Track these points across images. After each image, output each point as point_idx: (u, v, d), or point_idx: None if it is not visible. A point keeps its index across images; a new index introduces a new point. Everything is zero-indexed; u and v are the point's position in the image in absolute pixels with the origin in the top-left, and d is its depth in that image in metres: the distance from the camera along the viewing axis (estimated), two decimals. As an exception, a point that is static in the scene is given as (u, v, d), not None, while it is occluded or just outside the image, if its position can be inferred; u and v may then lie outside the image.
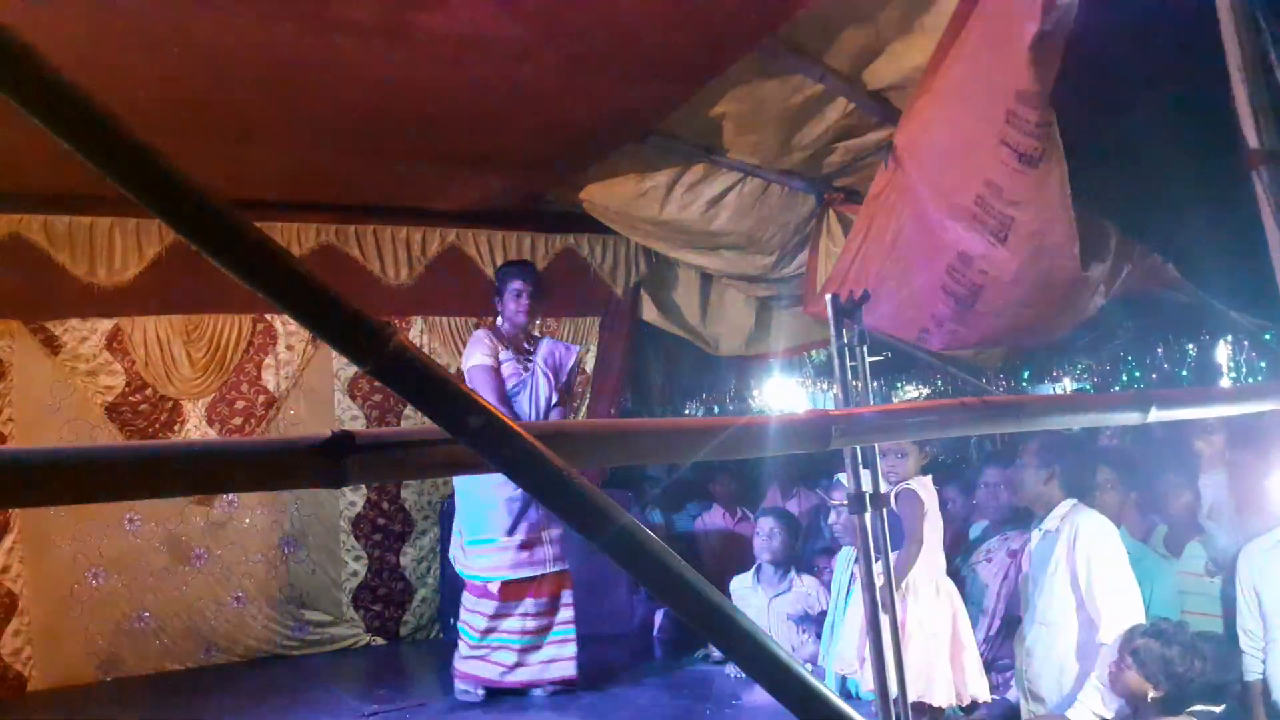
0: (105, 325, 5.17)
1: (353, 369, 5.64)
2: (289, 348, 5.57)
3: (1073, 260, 3.44)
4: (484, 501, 4.27)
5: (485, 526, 4.29)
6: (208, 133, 4.03)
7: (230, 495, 5.36)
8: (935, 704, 3.22)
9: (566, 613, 4.37)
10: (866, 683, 3.43)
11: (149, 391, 5.24)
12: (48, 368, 5.06)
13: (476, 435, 1.01)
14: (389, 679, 5.01)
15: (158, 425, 5.25)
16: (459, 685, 4.35)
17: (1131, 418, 1.60)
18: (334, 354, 5.60)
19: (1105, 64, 3.43)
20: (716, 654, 4.61)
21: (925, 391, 7.75)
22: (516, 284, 4.54)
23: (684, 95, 4.10)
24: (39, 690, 4.90)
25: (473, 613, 4.35)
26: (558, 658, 4.33)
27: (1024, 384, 6.68)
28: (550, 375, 4.47)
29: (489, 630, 4.31)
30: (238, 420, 5.44)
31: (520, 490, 3.95)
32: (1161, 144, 3.56)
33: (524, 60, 3.63)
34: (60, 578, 5.03)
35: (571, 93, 3.99)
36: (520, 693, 4.32)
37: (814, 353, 7.21)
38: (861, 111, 4.04)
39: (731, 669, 4.39)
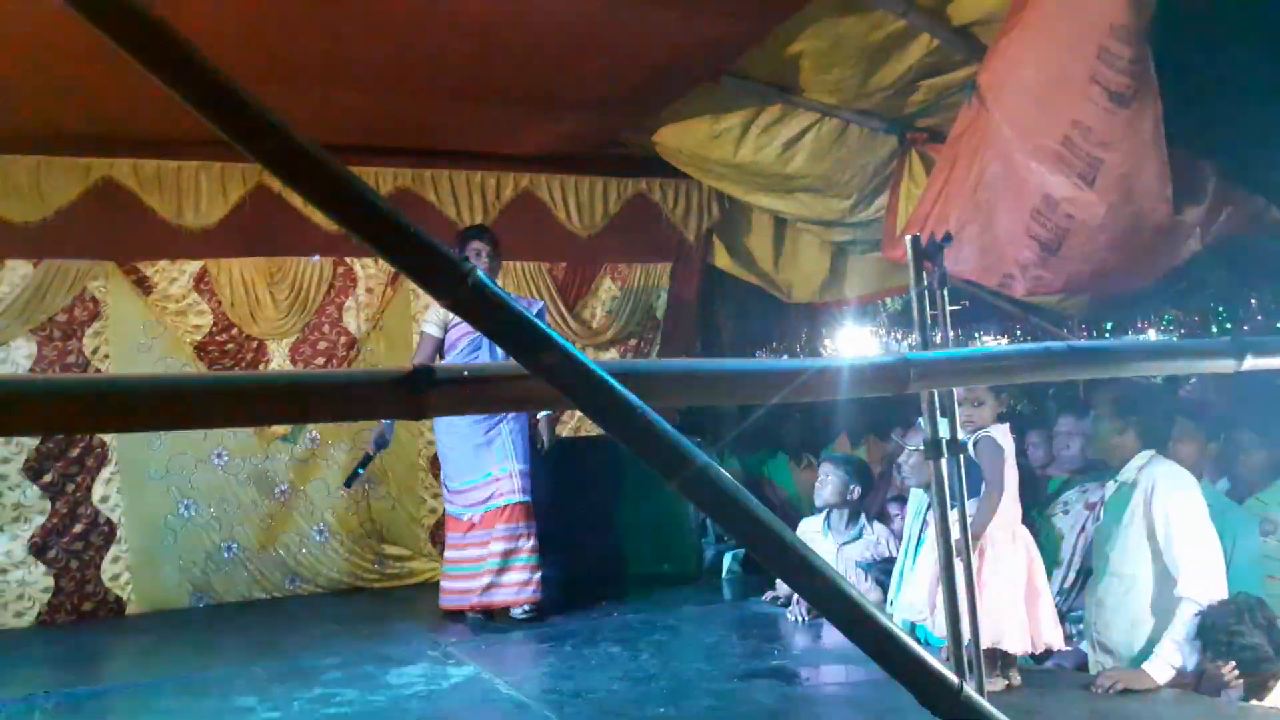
0: (193, 267, 5.34)
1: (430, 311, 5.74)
2: (369, 290, 5.69)
3: (1165, 204, 3.32)
4: (458, 450, 4.71)
5: (462, 470, 4.69)
6: (290, 77, 4.09)
7: (313, 432, 5.54)
8: (1009, 650, 3.19)
9: (530, 541, 4.67)
10: (937, 629, 3.42)
11: (235, 331, 5.41)
12: (139, 307, 5.26)
13: (552, 371, 1.02)
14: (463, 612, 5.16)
15: (244, 364, 5.42)
16: (445, 602, 4.79)
17: (1224, 365, 1.54)
18: (411, 297, 5.73)
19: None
20: (781, 596, 4.64)
21: (1004, 341, 7.58)
22: (475, 244, 4.64)
23: (761, 33, 4.02)
24: (136, 614, 5.18)
25: (455, 545, 4.80)
26: (528, 581, 4.64)
27: (1106, 335, 6.49)
28: None
29: (468, 559, 4.70)
30: (320, 360, 5.59)
31: (485, 435, 4.60)
32: (1268, 79, 3.38)
33: (598, -2, 3.60)
34: (155, 508, 5.27)
35: (645, 31, 3.94)
36: (502, 613, 4.68)
37: (888, 300, 7.09)
38: (945, 48, 3.91)
39: (792, 611, 4.41)
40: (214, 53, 0.85)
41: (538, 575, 4.66)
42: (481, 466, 4.65)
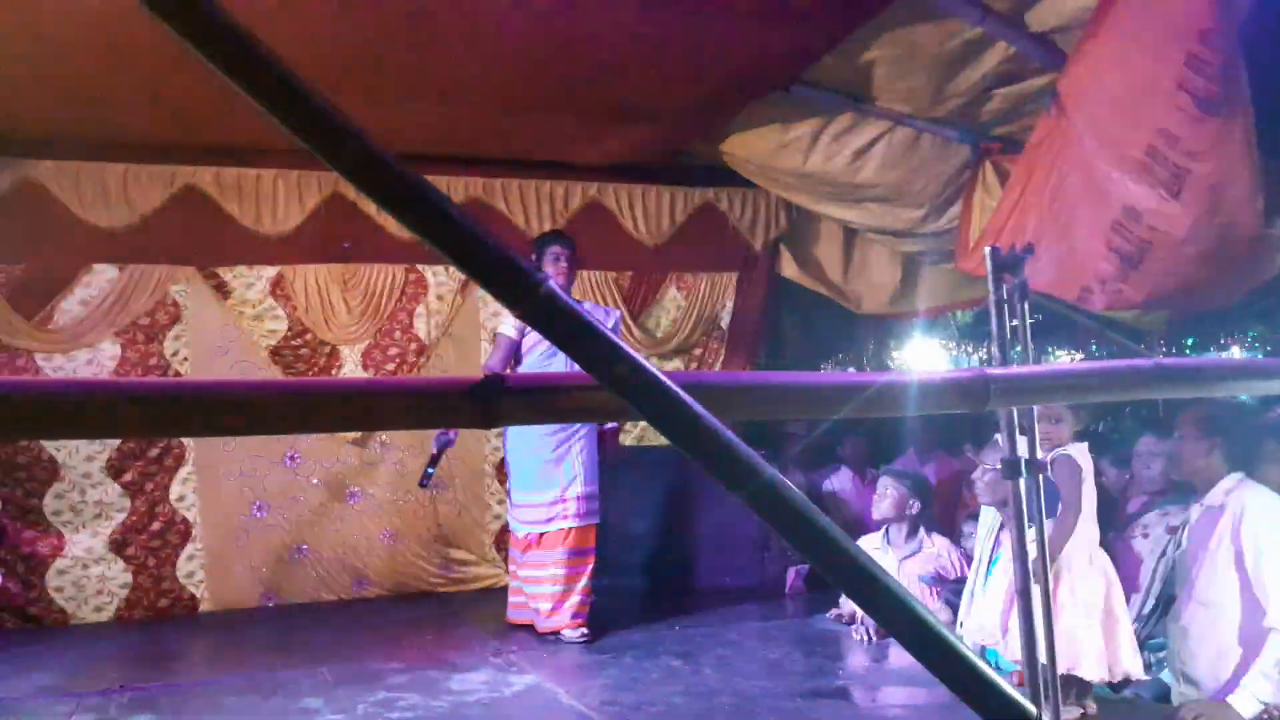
0: (270, 272, 5.46)
1: (498, 320, 5.79)
2: (439, 297, 5.76)
3: (1255, 216, 3.19)
4: (526, 463, 4.57)
5: (527, 484, 4.57)
6: (367, 89, 4.17)
7: (383, 437, 5.63)
8: (1084, 677, 3.09)
9: (589, 566, 4.59)
10: (1009, 653, 3.33)
11: (309, 336, 5.52)
12: (217, 312, 5.40)
13: (622, 382, 1.01)
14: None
15: (316, 368, 5.53)
16: (512, 615, 4.76)
17: (1323, 386, 1.47)
18: (481, 305, 5.79)
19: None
20: (846, 614, 4.56)
21: (1079, 356, 7.37)
22: (555, 248, 4.54)
23: (834, 41, 3.98)
24: (209, 611, 5.31)
25: (514, 561, 4.73)
26: (583, 605, 4.56)
27: (1188, 352, 6.26)
28: None
29: (529, 579, 4.61)
30: (391, 366, 5.68)
31: (555, 453, 4.46)
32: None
33: (668, 6, 3.59)
34: (228, 508, 5.40)
35: (717, 42, 3.93)
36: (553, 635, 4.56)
37: (959, 313, 6.95)
38: (1023, 55, 3.82)
39: (858, 630, 4.33)
40: (294, 64, 0.86)
41: (591, 599, 4.61)
42: (548, 484, 4.53)
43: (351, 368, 5.62)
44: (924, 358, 7.50)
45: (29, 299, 5.06)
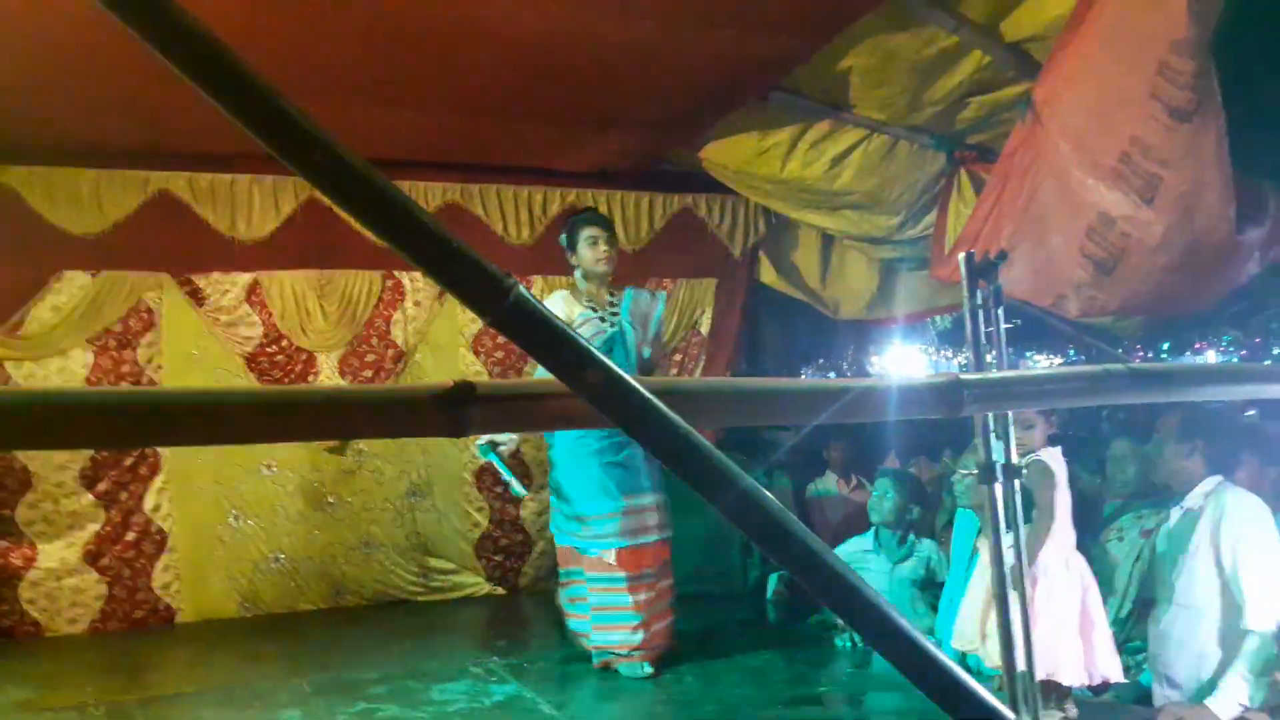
0: (245, 279, 5.41)
1: (477, 326, 5.77)
2: (416, 304, 5.73)
3: (1226, 224, 3.22)
4: (584, 469, 4.05)
5: (589, 495, 4.05)
6: (342, 95, 4.15)
7: (361, 445, 5.59)
8: (1063, 683, 3.10)
9: (670, 581, 4.20)
10: (988, 659, 3.34)
11: (285, 343, 5.47)
12: (192, 319, 5.34)
13: (594, 389, 1.00)
14: (507, 629, 5.16)
15: (292, 375, 5.48)
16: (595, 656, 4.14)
17: (1294, 391, 1.48)
18: (459, 311, 5.75)
19: (1271, 7, 3.17)
20: (830, 621, 4.57)
21: (1057, 361, 7.44)
22: (591, 230, 4.19)
23: (811, 49, 3.99)
24: (186, 622, 5.25)
25: (594, 587, 4.11)
26: (669, 628, 4.16)
27: (1163, 356, 6.33)
28: (639, 326, 4.24)
29: (604, 605, 4.07)
30: (368, 373, 5.64)
31: (619, 455, 3.93)
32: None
33: (647, 15, 3.60)
34: (204, 518, 5.34)
35: (696, 50, 3.94)
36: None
37: (938, 319, 6.99)
38: (998, 64, 3.85)
39: (841, 636, 4.34)
40: (265, 70, 0.85)
41: (672, 620, 4.19)
42: (615, 492, 4.02)
43: (328, 375, 5.58)
44: (903, 363, 7.54)
45: (-1, 306, 4.99)
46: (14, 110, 4.36)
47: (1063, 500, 3.27)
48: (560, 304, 4.22)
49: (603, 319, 4.20)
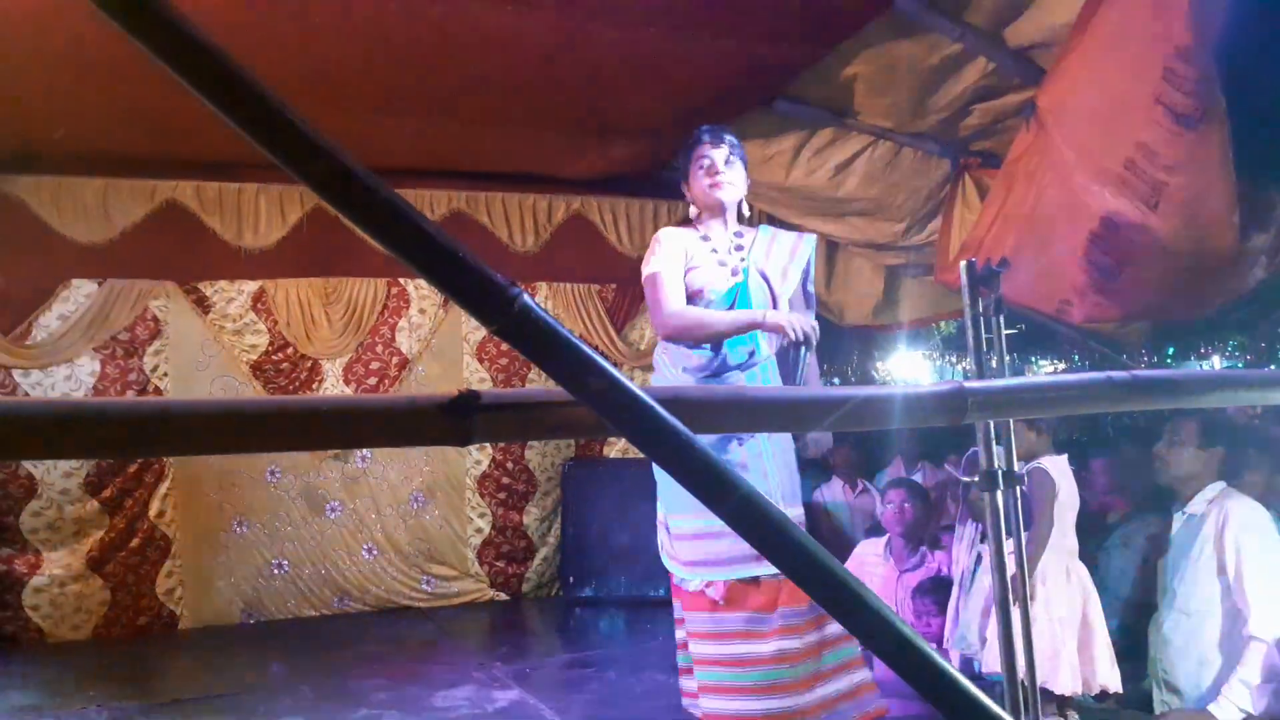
0: (251, 287, 5.44)
1: (481, 333, 5.79)
2: (421, 311, 5.75)
3: (1231, 230, 3.22)
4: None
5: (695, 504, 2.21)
6: (349, 104, 4.17)
7: (364, 451, 5.60)
8: (1058, 691, 3.09)
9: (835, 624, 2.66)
10: (987, 664, 3.33)
11: (290, 350, 5.49)
12: (198, 326, 5.36)
13: (597, 397, 1.00)
14: (510, 635, 5.16)
15: (298, 383, 5.50)
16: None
17: (1299, 397, 1.48)
18: (463, 318, 5.76)
19: (1276, 12, 3.17)
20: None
21: (1061, 367, 7.42)
22: (702, 150, 3.11)
23: (814, 57, 4.00)
24: (189, 628, 5.26)
25: (693, 634, 2.87)
26: (866, 682, 2.89)
27: (1169, 361, 6.31)
28: (770, 277, 3.06)
29: (717, 660, 2.80)
30: (372, 380, 5.65)
31: (736, 450, 2.83)
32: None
33: (651, 24, 3.61)
34: (208, 524, 5.36)
35: (700, 58, 3.95)
36: None
37: (943, 324, 6.99)
38: (1002, 71, 3.85)
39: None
40: (271, 80, 0.85)
41: (866, 672, 2.91)
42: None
43: (333, 382, 5.60)
44: (908, 369, 7.53)
45: (6, 314, 5.02)
46: (22, 120, 4.39)
47: (1065, 508, 3.26)
48: (661, 241, 3.10)
49: (723, 263, 3.09)
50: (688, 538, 2.85)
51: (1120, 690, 3.28)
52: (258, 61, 0.85)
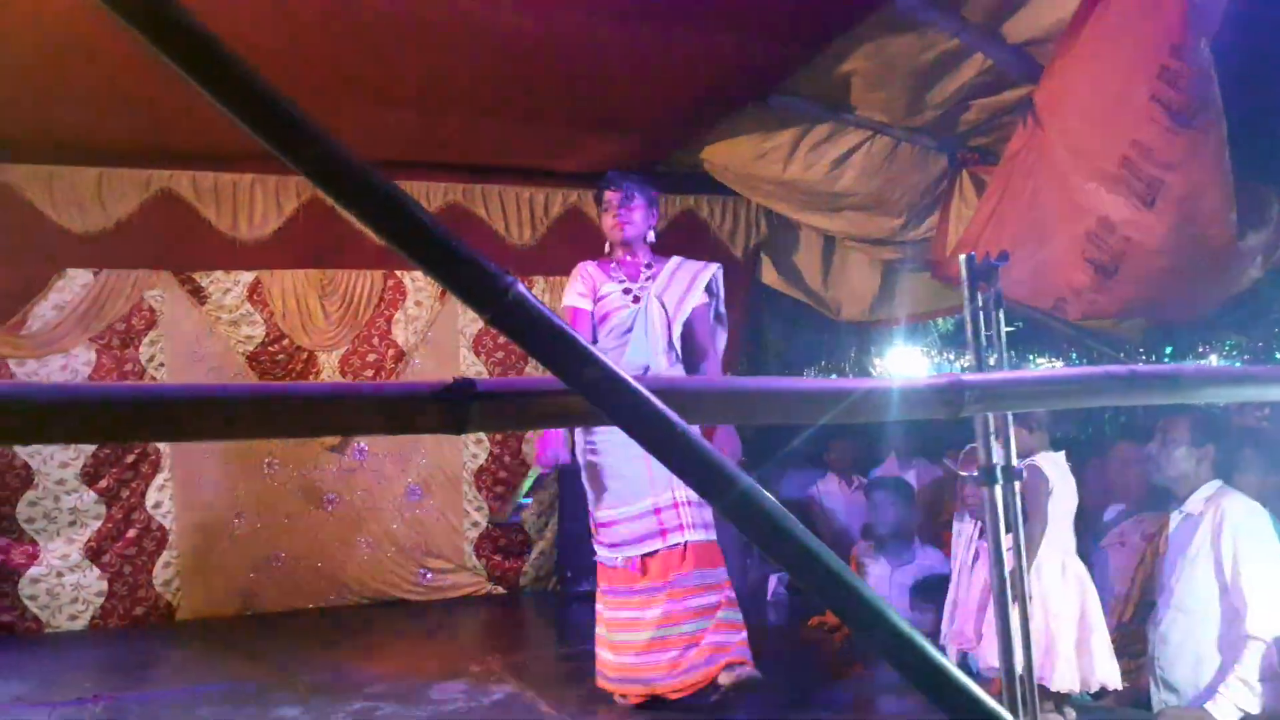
0: (247, 278, 5.42)
1: (477, 326, 5.78)
2: (418, 303, 5.74)
3: (1228, 228, 3.22)
4: (628, 466, 3.44)
5: (618, 495, 3.49)
6: (344, 95, 4.16)
7: (361, 444, 5.59)
8: (1054, 688, 3.10)
9: (727, 592, 3.48)
10: (983, 659, 3.34)
11: (286, 342, 5.48)
12: (194, 317, 5.35)
13: (593, 387, 1.00)
14: (506, 628, 5.16)
15: (294, 375, 5.49)
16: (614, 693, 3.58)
17: (1295, 394, 1.48)
18: (459, 311, 5.76)
19: (1274, 11, 3.17)
20: (830, 622, 4.56)
21: (1059, 364, 7.42)
22: (605, 194, 3.62)
23: (811, 53, 4.00)
24: (186, 620, 5.25)
25: (614, 604, 3.54)
26: (727, 643, 3.39)
27: (1166, 360, 6.31)
28: (668, 305, 3.57)
29: (627, 622, 3.48)
30: (369, 372, 5.64)
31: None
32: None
33: (648, 18, 3.60)
34: (205, 516, 5.35)
35: (696, 53, 3.94)
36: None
37: (940, 320, 6.99)
38: (999, 67, 3.85)
39: (840, 638, 4.34)
40: (267, 70, 0.85)
41: (741, 635, 3.43)
42: (643, 491, 3.42)
43: (329, 374, 5.59)
44: (906, 365, 7.53)
45: (1, 303, 5.00)
46: (16, 108, 4.37)
47: (1060, 506, 3.26)
48: (577, 276, 3.66)
49: (628, 290, 3.59)
50: (607, 525, 3.52)
51: (1120, 687, 3.29)
52: (252, 52, 0.84)
